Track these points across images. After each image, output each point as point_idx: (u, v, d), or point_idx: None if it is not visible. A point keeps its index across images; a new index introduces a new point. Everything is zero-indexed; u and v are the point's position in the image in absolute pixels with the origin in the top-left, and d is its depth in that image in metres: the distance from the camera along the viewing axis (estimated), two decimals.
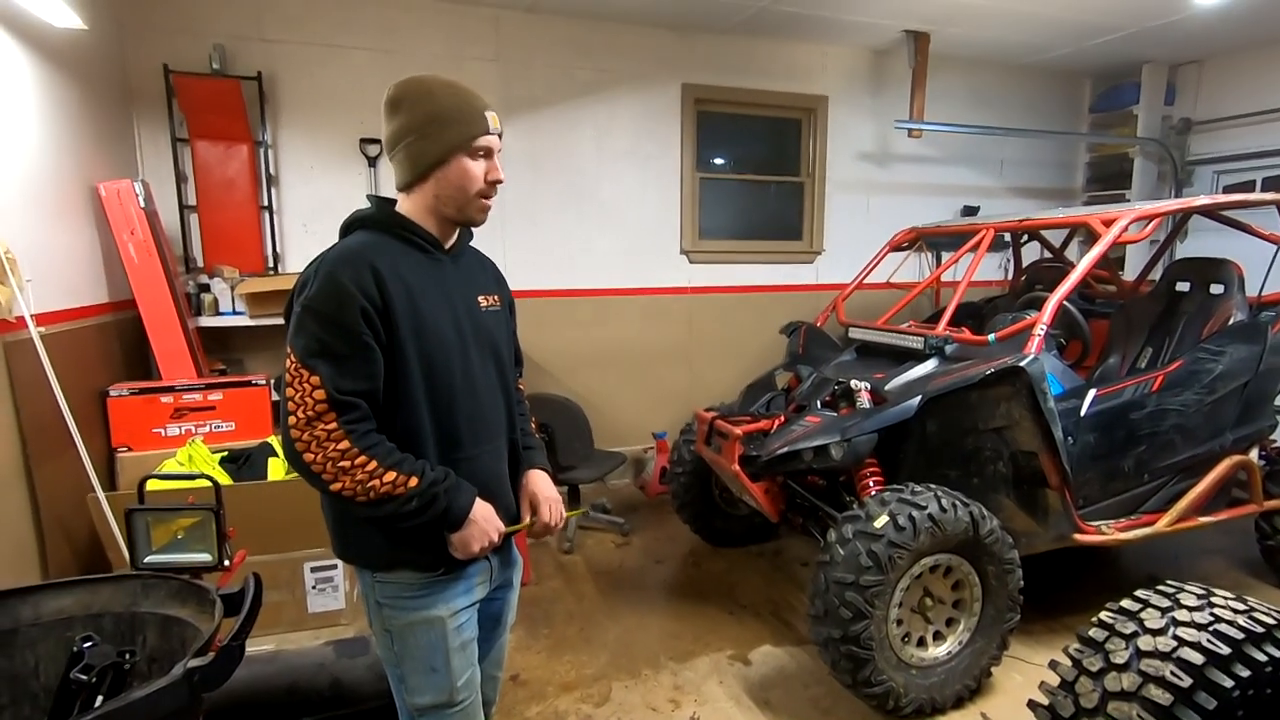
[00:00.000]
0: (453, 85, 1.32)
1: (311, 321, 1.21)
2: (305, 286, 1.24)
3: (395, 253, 1.30)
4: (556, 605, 3.09)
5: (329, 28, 3.83)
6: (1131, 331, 3.32)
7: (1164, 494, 2.84)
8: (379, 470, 1.21)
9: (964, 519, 2.26)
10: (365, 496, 1.21)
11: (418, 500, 1.23)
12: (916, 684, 2.29)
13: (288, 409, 1.21)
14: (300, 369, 1.20)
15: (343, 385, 1.20)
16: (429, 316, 1.29)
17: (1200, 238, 4.67)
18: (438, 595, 1.35)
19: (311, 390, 1.19)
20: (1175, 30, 4.42)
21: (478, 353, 1.38)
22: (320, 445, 1.19)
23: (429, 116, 1.29)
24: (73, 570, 2.63)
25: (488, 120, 1.31)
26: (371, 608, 1.39)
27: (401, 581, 1.33)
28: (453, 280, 1.37)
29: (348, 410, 1.21)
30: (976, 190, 5.42)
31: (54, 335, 2.58)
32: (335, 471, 1.20)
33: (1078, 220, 2.99)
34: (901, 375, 2.73)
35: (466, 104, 1.31)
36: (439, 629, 1.35)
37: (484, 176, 1.33)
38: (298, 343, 1.21)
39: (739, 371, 4.65)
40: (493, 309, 1.45)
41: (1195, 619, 1.30)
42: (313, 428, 1.19)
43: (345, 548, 1.38)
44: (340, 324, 1.20)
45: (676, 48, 4.50)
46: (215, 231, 3.73)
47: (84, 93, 3.07)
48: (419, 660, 1.36)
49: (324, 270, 1.23)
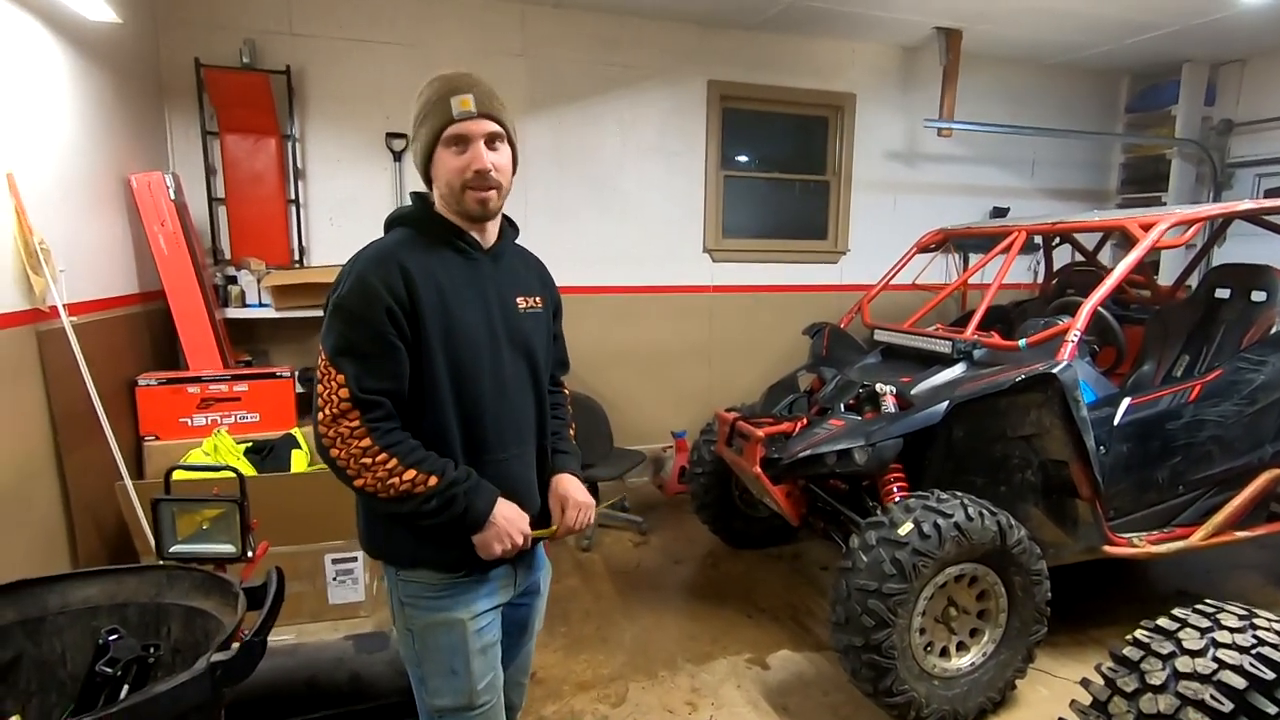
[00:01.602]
0: (436, 78, 1.30)
1: (339, 321, 1.23)
2: (339, 285, 1.26)
3: (429, 251, 1.30)
4: (574, 604, 3.09)
5: (356, 22, 3.85)
6: (1168, 339, 3.23)
7: (1199, 507, 2.76)
8: (399, 468, 1.22)
9: (991, 528, 2.22)
10: (386, 493, 1.22)
11: (437, 500, 1.24)
12: (939, 695, 2.25)
13: (317, 405, 1.24)
14: (329, 367, 1.22)
15: (366, 384, 1.21)
16: (460, 317, 1.28)
17: (1239, 243, 4.52)
18: (459, 597, 1.35)
19: (337, 388, 1.21)
20: (1218, 28, 4.29)
21: (510, 354, 1.36)
22: (344, 441, 1.21)
23: (416, 117, 1.30)
24: (101, 557, 2.68)
25: (453, 106, 1.25)
26: (395, 605, 1.39)
27: (423, 581, 1.34)
28: (489, 280, 1.35)
29: (371, 409, 1.22)
30: (1006, 191, 5.32)
31: (85, 325, 2.62)
32: (358, 468, 1.22)
33: (1115, 224, 2.91)
34: (928, 379, 2.68)
35: (436, 94, 1.28)
36: (459, 631, 1.34)
37: (468, 167, 1.27)
38: (327, 341, 1.23)
39: (760, 372, 4.61)
40: (533, 310, 1.42)
41: (1237, 641, 1.26)
42: (337, 424, 1.21)
43: (372, 542, 1.40)
44: (366, 323, 1.21)
45: (703, 43, 4.47)
46: (243, 224, 3.78)
47: (117, 86, 3.11)
48: (439, 661, 1.36)
49: (355, 269, 1.25)
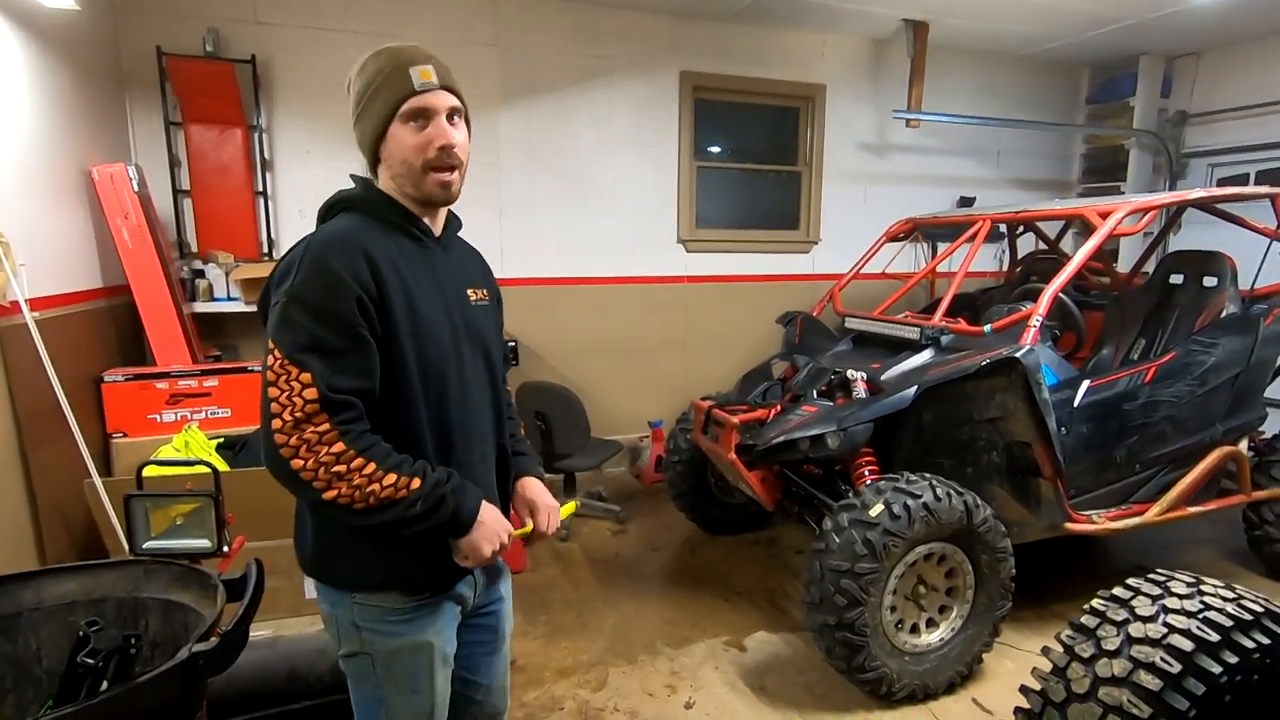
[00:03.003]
0: (381, 50, 1.19)
1: (300, 313, 1.08)
2: (289, 274, 1.10)
3: (386, 239, 1.18)
4: (553, 592, 3.11)
5: (325, 11, 3.79)
6: (1125, 323, 3.34)
7: (1155, 484, 2.88)
8: (378, 473, 1.09)
9: (958, 508, 2.29)
10: (364, 503, 1.09)
11: (423, 503, 1.12)
12: (910, 670, 2.32)
13: (271, 411, 1.07)
14: (287, 365, 1.07)
15: (337, 383, 1.08)
16: (423, 310, 1.18)
17: (1194, 230, 4.69)
18: (426, 619, 1.24)
19: (301, 389, 1.06)
20: (1174, 22, 4.42)
21: (469, 351, 1.27)
22: (311, 450, 1.06)
23: (360, 93, 1.18)
24: (70, 556, 2.63)
25: (413, 76, 1.14)
26: (344, 630, 1.24)
27: (385, 605, 1.21)
28: (443, 271, 1.25)
29: (342, 410, 1.08)
30: (973, 181, 5.43)
31: (48, 320, 2.57)
32: (329, 478, 1.07)
33: (1074, 212, 3.00)
34: (898, 365, 2.74)
35: (390, 67, 1.16)
36: (427, 653, 1.25)
37: (430, 144, 1.16)
38: (284, 337, 1.08)
39: (735, 361, 4.67)
40: (483, 303, 1.33)
41: (1185, 606, 1.33)
42: (301, 430, 1.06)
43: (326, 565, 1.23)
44: (333, 315, 1.08)
45: (676, 34, 4.48)
46: (209, 216, 3.71)
47: (76, 75, 3.03)
48: (403, 683, 1.26)
49: (312, 256, 1.10)
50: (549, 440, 3.63)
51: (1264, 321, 2.89)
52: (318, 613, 2.92)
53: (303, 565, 1.27)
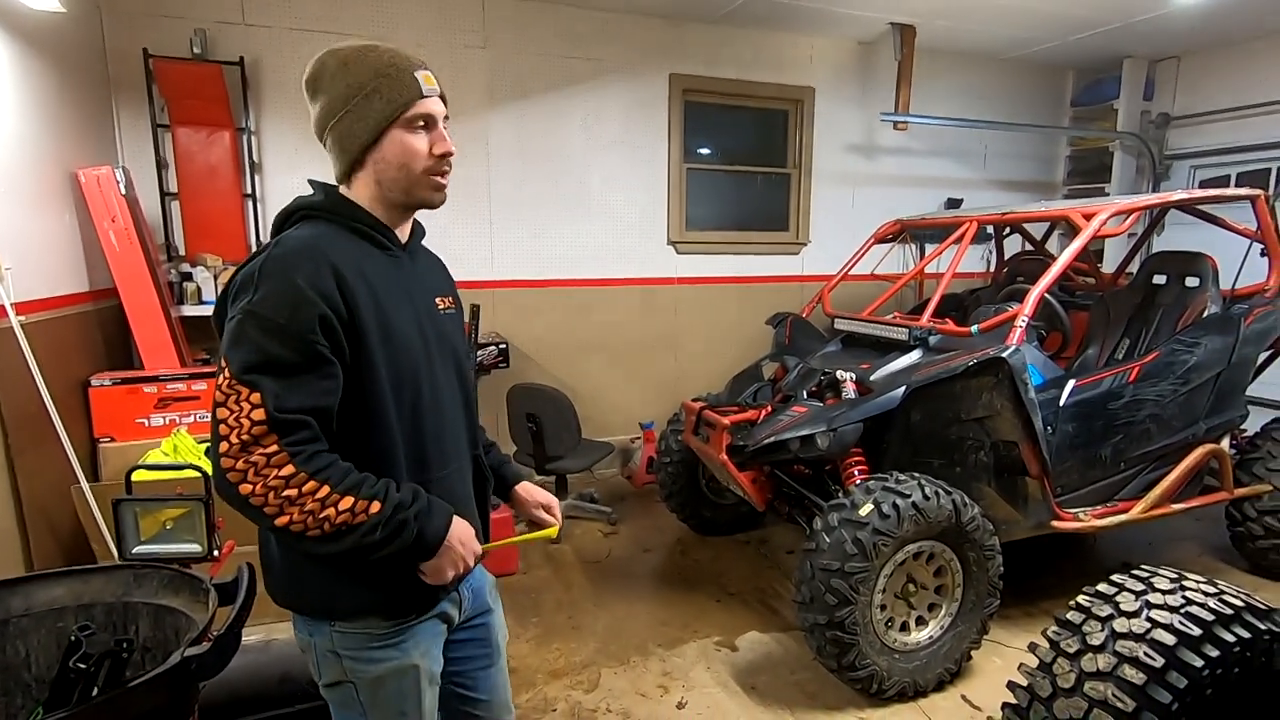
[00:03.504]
0: (371, 48, 1.13)
1: (255, 330, 1.01)
2: (246, 289, 1.04)
3: (352, 248, 1.12)
4: (545, 594, 3.12)
5: (313, 13, 3.78)
6: (1110, 323, 3.39)
7: (1139, 482, 2.91)
8: (332, 496, 1.02)
9: (946, 507, 2.31)
10: (318, 530, 1.02)
11: (382, 529, 1.05)
12: (899, 667, 2.34)
13: (219, 434, 1.01)
14: (236, 385, 1.00)
15: (287, 402, 1.01)
16: (394, 323, 1.13)
17: (1177, 231, 4.76)
18: (410, 642, 1.18)
19: (250, 410, 1.00)
20: (1156, 26, 4.49)
21: (441, 362, 1.22)
22: (259, 473, 1.00)
23: (350, 90, 1.11)
24: (56, 561, 2.61)
25: (419, 82, 1.12)
26: (324, 659, 1.18)
27: (367, 631, 1.16)
28: (412, 281, 1.21)
29: (292, 430, 1.01)
30: (960, 182, 5.48)
31: (35, 324, 2.55)
32: (280, 502, 1.00)
33: (1059, 214, 3.04)
34: (886, 366, 2.77)
35: (390, 68, 1.11)
36: (413, 676, 1.19)
37: (429, 149, 1.14)
38: (235, 355, 1.01)
39: (725, 362, 4.68)
40: (449, 312, 1.29)
41: (1168, 602, 1.35)
42: (249, 453, 0.99)
43: (295, 593, 1.17)
44: (290, 333, 1.02)
45: (665, 37, 4.49)
46: (197, 219, 3.69)
47: (62, 77, 3.01)
48: (390, 709, 1.20)
49: (273, 269, 1.04)
50: (540, 442, 3.63)
51: (1244, 321, 2.93)
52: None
53: (272, 595, 1.19)
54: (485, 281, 4.32)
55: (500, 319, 4.34)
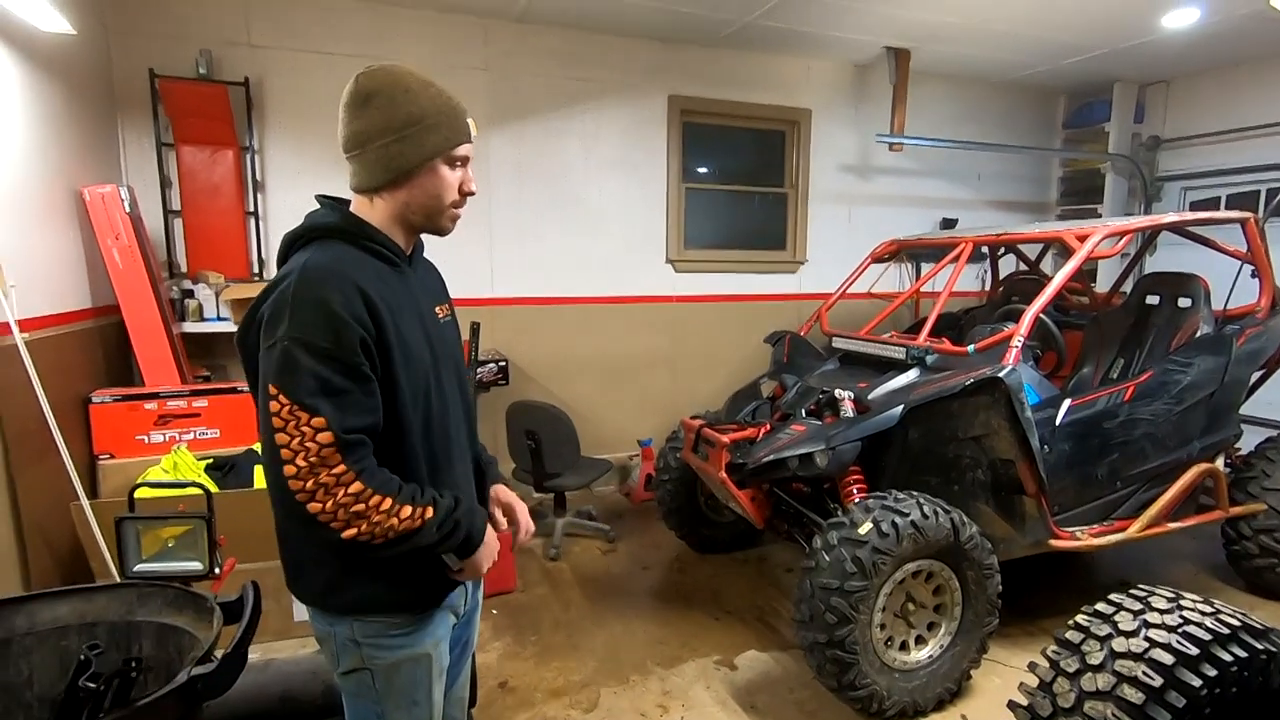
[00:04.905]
0: (433, 85, 1.22)
1: (305, 356, 1.07)
2: (280, 317, 1.09)
3: (367, 267, 1.18)
4: (544, 612, 3.11)
5: (317, 34, 3.84)
6: (1104, 343, 3.42)
7: (1135, 501, 2.93)
8: (394, 507, 1.12)
9: (945, 525, 2.32)
10: (385, 537, 1.11)
11: (438, 531, 1.17)
12: (899, 687, 2.34)
13: (282, 458, 1.06)
14: (296, 411, 1.06)
15: (349, 424, 1.09)
16: (409, 337, 1.20)
17: (1169, 251, 4.81)
18: (424, 630, 1.28)
19: (315, 434, 1.06)
20: (1145, 51, 4.58)
21: (445, 369, 1.30)
22: (329, 493, 1.07)
23: (411, 118, 1.17)
24: (55, 579, 2.60)
25: (470, 128, 1.24)
26: (343, 647, 1.25)
27: (386, 620, 1.25)
28: (416, 292, 1.28)
29: (355, 449, 1.10)
30: (954, 202, 5.54)
31: (38, 341, 2.55)
32: (348, 518, 1.08)
33: (1053, 235, 3.09)
34: (884, 384, 2.79)
35: (450, 108, 1.21)
36: (425, 664, 1.29)
37: (459, 186, 1.25)
38: (290, 382, 1.06)
39: (723, 380, 4.71)
40: (448, 319, 1.38)
41: (1166, 621, 1.36)
42: (317, 475, 1.07)
43: (329, 599, 1.23)
44: (337, 356, 1.08)
45: (663, 59, 4.57)
46: (200, 237, 3.71)
47: (69, 97, 3.05)
48: (403, 696, 1.28)
49: (306, 296, 1.09)
50: (539, 459, 3.63)
51: (1236, 341, 2.97)
52: (307, 635, 2.90)
53: (303, 598, 1.27)
54: (485, 299, 4.34)
55: (500, 336, 4.36)
